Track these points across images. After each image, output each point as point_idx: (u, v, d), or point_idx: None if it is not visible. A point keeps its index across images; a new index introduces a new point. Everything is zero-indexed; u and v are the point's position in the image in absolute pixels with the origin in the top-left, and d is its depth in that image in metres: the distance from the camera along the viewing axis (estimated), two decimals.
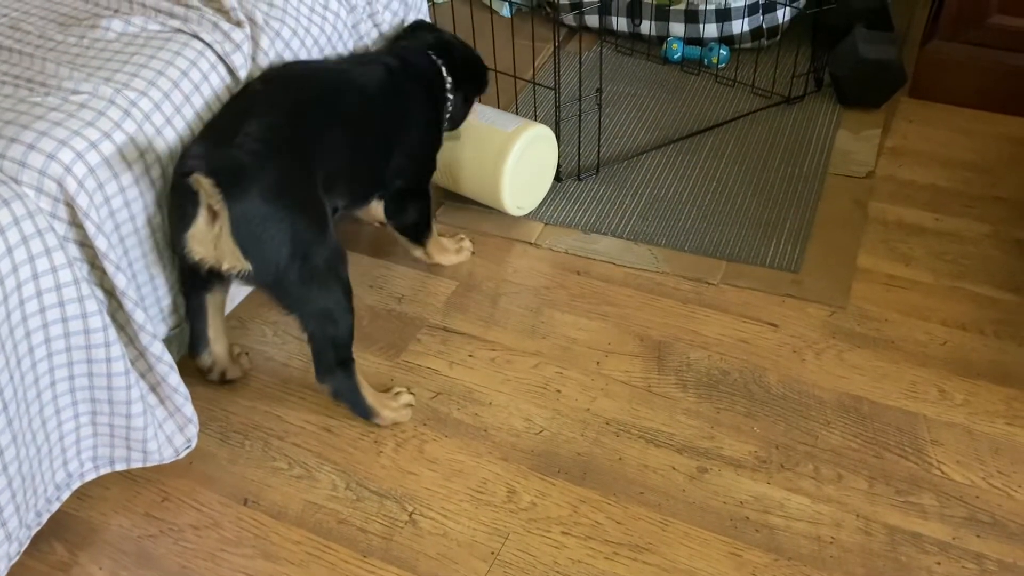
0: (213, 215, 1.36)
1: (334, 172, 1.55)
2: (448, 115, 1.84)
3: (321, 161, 1.51)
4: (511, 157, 1.93)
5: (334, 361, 1.55)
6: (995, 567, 1.39)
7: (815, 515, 1.47)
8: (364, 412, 1.61)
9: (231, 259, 1.38)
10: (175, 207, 1.44)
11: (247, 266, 1.39)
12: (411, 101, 1.73)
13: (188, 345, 1.63)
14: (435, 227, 1.92)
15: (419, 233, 1.88)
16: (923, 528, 1.44)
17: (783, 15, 2.53)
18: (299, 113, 1.51)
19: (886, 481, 1.51)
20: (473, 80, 1.87)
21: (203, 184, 1.31)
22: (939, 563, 1.40)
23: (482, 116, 1.98)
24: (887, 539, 1.43)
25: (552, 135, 2.04)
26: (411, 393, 1.67)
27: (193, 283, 1.54)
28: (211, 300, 1.58)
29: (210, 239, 1.38)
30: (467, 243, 1.99)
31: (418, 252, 1.92)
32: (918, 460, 1.54)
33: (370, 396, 1.60)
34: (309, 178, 1.48)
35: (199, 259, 1.41)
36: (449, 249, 1.95)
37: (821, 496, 1.49)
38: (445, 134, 1.88)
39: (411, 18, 1.95)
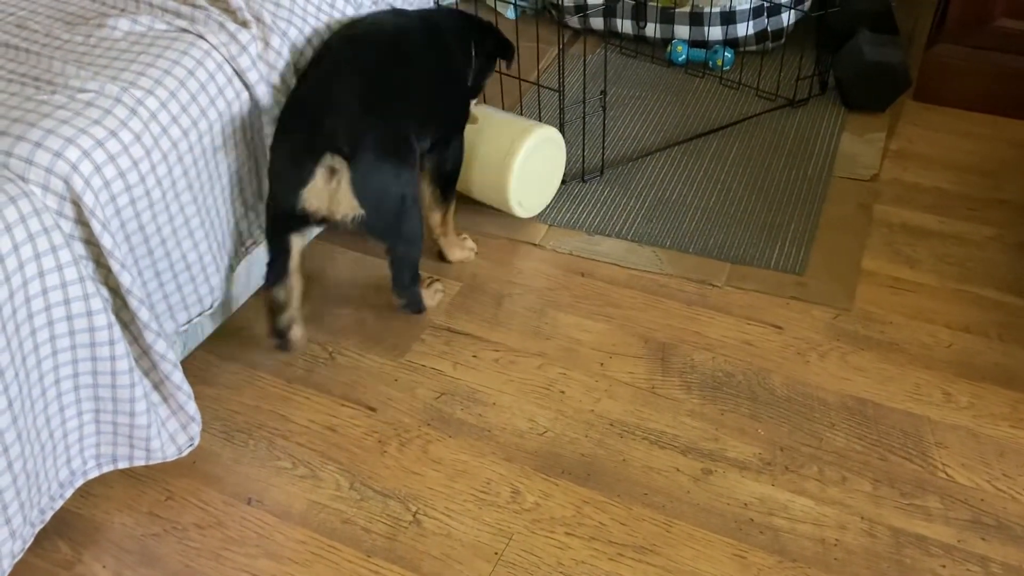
0: (331, 173, 1.53)
1: (412, 117, 1.69)
2: (472, 72, 1.91)
3: (404, 108, 1.66)
4: (524, 148, 1.93)
5: (410, 278, 1.77)
6: (1000, 570, 1.39)
7: (819, 517, 1.47)
8: (421, 307, 1.83)
9: (346, 209, 1.56)
10: (289, 167, 1.58)
11: (361, 212, 1.56)
12: (452, 50, 1.85)
13: (265, 277, 1.69)
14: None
15: (450, 184, 1.89)
16: (928, 531, 1.44)
17: (788, 18, 2.53)
18: (377, 72, 1.64)
19: (890, 483, 1.51)
20: (492, 46, 1.94)
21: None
22: (944, 566, 1.39)
23: (499, 114, 1.99)
24: (891, 541, 1.43)
25: (563, 143, 2.05)
26: (438, 280, 1.90)
27: (282, 227, 1.66)
28: (296, 239, 1.67)
29: (326, 194, 1.55)
30: (470, 242, 1.99)
31: (437, 215, 1.90)
32: (923, 463, 1.54)
33: (422, 289, 1.83)
34: (400, 127, 1.64)
35: (312, 211, 1.58)
36: (455, 243, 1.96)
37: (825, 498, 1.49)
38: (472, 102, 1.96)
39: None
